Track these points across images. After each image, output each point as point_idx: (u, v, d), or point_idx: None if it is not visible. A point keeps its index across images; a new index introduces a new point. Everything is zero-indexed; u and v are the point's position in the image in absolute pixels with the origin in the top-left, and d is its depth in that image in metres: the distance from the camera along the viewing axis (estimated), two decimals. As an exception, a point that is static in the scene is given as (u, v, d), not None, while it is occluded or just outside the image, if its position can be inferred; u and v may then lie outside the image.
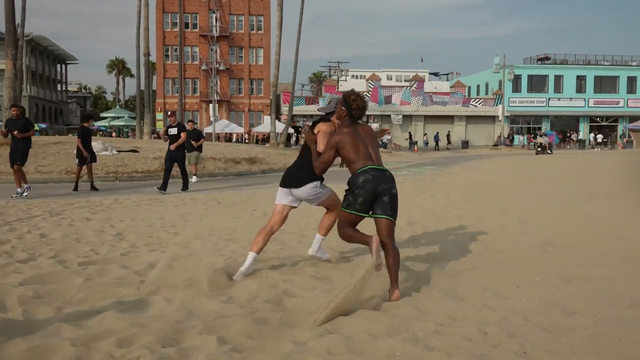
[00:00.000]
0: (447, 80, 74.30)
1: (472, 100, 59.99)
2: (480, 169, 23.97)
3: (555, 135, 50.73)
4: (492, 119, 59.96)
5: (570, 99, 61.45)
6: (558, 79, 61.74)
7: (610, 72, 62.69)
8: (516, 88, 60.99)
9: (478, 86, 67.80)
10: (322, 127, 5.16)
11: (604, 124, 62.13)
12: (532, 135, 53.73)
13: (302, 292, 4.83)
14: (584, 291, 4.92)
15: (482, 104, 59.50)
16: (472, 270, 5.63)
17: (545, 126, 60.60)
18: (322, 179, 5.34)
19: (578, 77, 61.77)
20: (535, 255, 6.33)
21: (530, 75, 61.11)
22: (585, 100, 61.63)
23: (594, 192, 13.31)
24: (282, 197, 5.39)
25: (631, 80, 62.94)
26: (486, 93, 64.52)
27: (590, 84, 61.91)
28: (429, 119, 58.83)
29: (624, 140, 56.06)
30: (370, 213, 4.74)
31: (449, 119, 59.13)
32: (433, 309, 4.41)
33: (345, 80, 69.36)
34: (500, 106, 56.90)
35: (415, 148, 47.66)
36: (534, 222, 8.79)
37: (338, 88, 63.00)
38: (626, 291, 4.85)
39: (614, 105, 62.28)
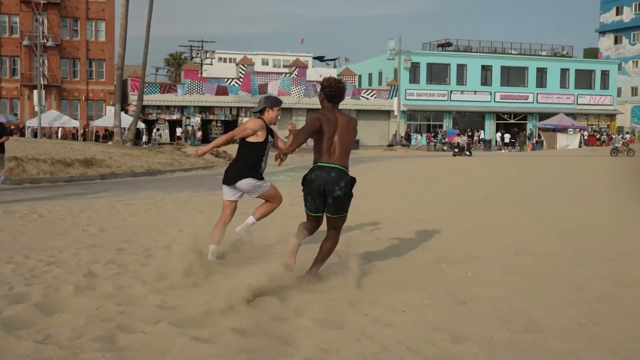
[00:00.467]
0: (334, 67, 76.16)
1: (363, 91, 61.85)
2: (373, 172, 24.73)
3: (457, 134, 53.52)
4: (387, 114, 62.18)
5: (475, 92, 65.21)
6: (461, 68, 65.32)
7: (518, 62, 67.32)
8: (414, 78, 63.72)
9: (370, 75, 70.07)
10: (248, 122, 7.11)
11: (511, 121, 66.51)
12: (432, 134, 56.32)
13: (143, 327, 4.72)
14: (477, 314, 5.19)
15: (374, 96, 61.51)
16: (353, 293, 5.77)
17: (447, 123, 63.81)
18: (260, 176, 7.09)
19: (483, 67, 65.74)
20: (426, 274, 6.61)
21: (430, 64, 64.13)
22: (491, 94, 65.69)
23: (502, 198, 14.19)
24: (228, 192, 7.20)
25: (541, 72, 67.98)
26: (379, 83, 66.83)
27: (496, 76, 66.11)
28: (312, 112, 59.79)
29: (534, 141, 60.33)
30: (322, 212, 6.01)
31: (337, 113, 60.50)
32: (302, 340, 4.47)
33: (211, 64, 68.91)
34: (395, 99, 59.13)
35: (297, 148, 48.31)
36: (428, 233, 9.19)
37: (202, 73, 62.51)
38: (523, 313, 5.18)
39: (522, 101, 66.92)
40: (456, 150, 44.14)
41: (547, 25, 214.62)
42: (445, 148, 52.84)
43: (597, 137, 62.19)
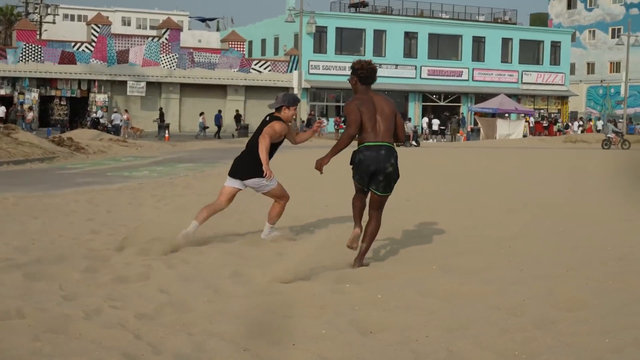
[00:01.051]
0: (217, 30, 75.81)
1: (255, 62, 61.82)
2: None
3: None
4: (285, 92, 62.33)
5: (396, 65, 66.37)
6: (379, 36, 66.35)
7: (450, 29, 68.98)
8: (319, 47, 64.22)
9: (263, 41, 70.12)
10: (274, 125, 9.07)
11: (441, 103, 68.12)
12: (342, 119, 56.90)
13: None
14: (385, 346, 5.30)
15: (269, 68, 61.61)
16: (226, 326, 5.78)
17: (362, 105, 64.72)
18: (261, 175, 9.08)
19: (407, 34, 67.04)
20: (325, 296, 6.69)
21: (340, 29, 64.81)
22: (416, 68, 67.05)
23: (428, 199, 14.50)
24: (231, 181, 9.21)
25: (478, 43, 69.95)
26: (275, 53, 66.97)
27: (423, 46, 67.53)
28: (188, 89, 59.38)
29: (468, 129, 61.97)
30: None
31: (220, 90, 60.26)
32: None
33: (54, 22, 67.17)
34: (295, 73, 59.38)
35: (167, 134, 47.80)
36: (335, 245, 9.29)
37: (41, 35, 60.75)
38: (442, 344, 5.32)
39: (455, 78, 68.64)
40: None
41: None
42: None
43: (545, 124, 64.52)
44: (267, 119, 9.30)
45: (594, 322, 5.91)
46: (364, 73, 8.06)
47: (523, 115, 61.69)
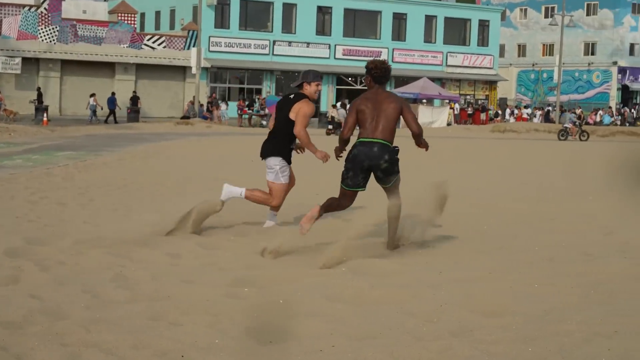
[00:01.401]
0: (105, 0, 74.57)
1: (148, 37, 61.15)
2: (159, 157, 24.60)
3: (334, 106, 54.27)
4: (181, 71, 61.88)
5: (308, 44, 66.49)
6: (289, 10, 66.31)
7: (368, 4, 69.36)
8: (222, 21, 63.88)
9: (158, 14, 69.43)
10: (303, 108, 9.92)
11: (358, 87, 68.55)
12: (247, 103, 56.79)
13: None
14: (286, 357, 5.33)
15: (164, 45, 61.01)
16: (105, 335, 5.72)
17: (268, 88, 64.62)
18: (287, 160, 10.16)
19: (320, 9, 67.20)
20: (219, 302, 6.71)
21: (245, 2, 64.58)
22: (330, 47, 67.31)
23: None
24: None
25: (399, 20, 70.57)
26: (172, 27, 66.35)
27: (337, 22, 67.82)
28: (71, 67, 58.40)
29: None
30: (363, 187, 9.06)
31: (107, 68, 59.44)
32: None
33: None
34: (194, 50, 58.91)
35: (45, 118, 46.93)
36: (219, 250, 9.29)
37: None
38: (350, 354, 5.36)
39: (373, 58, 69.04)
40: (330, 127, 45.15)
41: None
42: (264, 123, 53.39)
43: (470, 112, 65.44)
44: (292, 96, 10.10)
45: (517, 329, 6.04)
46: (377, 73, 9.11)
47: (447, 101, 62.46)
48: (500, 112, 69.43)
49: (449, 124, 58.52)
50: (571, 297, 7.15)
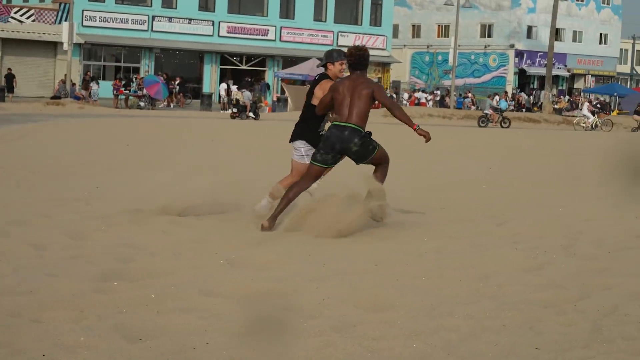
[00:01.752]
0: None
1: (16, 10, 59.88)
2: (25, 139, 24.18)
3: (162, 86, 53.83)
4: (52, 47, 60.77)
5: (190, 20, 65.98)
6: (169, -17, 65.66)
7: (254, -21, 69.17)
8: (96, -7, 62.98)
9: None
10: (324, 85, 10.31)
11: (243, 67, 68.38)
12: (123, 83, 56.09)
13: None
14: (153, 357, 5.31)
15: (32, 18, 59.85)
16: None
17: (147, 67, 63.94)
18: (313, 143, 10.39)
19: (202, -18, 66.70)
20: (86, 297, 6.61)
21: (121, -28, 63.71)
22: (213, 24, 66.90)
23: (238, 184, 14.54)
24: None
25: (288, -6, 70.50)
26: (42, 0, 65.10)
27: (222, -3, 67.43)
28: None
29: (274, 98, 62.56)
30: (329, 165, 10.19)
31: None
32: None
33: None
34: (66, 24, 57.92)
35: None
36: (87, 241, 9.21)
37: None
38: (225, 352, 5.39)
39: (259, 37, 68.97)
40: (235, 110, 45.08)
41: None
42: (141, 104, 52.89)
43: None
44: (317, 77, 10.62)
45: (402, 324, 6.15)
46: (351, 60, 10.15)
47: (338, 83, 62.71)
48: (394, 95, 70.12)
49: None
50: (459, 291, 7.30)
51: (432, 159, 22.61)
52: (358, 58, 10.10)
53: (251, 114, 47.04)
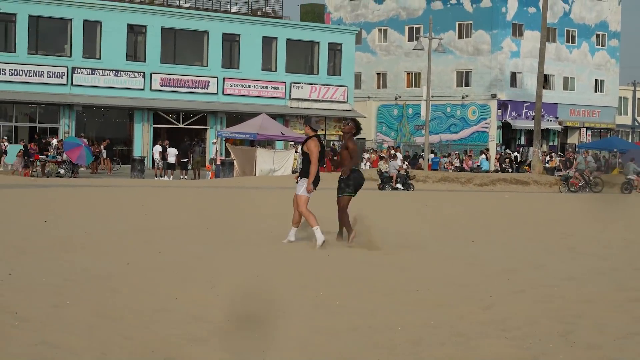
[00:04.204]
0: None
1: None
2: None
3: (85, 150, 53.59)
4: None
5: (116, 72, 65.90)
6: (92, 29, 65.77)
7: (192, 23, 69.53)
8: (5, 43, 63.19)
9: None
10: (313, 146, 18.17)
11: (181, 125, 68.37)
12: (44, 145, 55.73)
13: None
14: None
15: None
16: None
17: (67, 127, 63.65)
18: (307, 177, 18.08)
19: (131, 28, 67.17)
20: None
21: (36, 18, 63.78)
22: (144, 76, 66.86)
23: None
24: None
25: (230, 42, 70.96)
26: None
27: (154, 44, 67.62)
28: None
29: (217, 161, 62.44)
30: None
31: None
32: None
33: None
34: (-30, 80, 57.98)
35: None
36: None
37: None
38: None
39: (199, 90, 69.09)
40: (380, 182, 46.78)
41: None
42: (61, 172, 52.60)
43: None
44: (310, 137, 18.41)
45: None
46: (356, 132, 19.05)
47: (293, 143, 62.81)
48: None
49: (294, 172, 58.71)
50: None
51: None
52: (357, 129, 18.95)
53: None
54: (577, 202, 40.27)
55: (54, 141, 57.86)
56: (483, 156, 71.02)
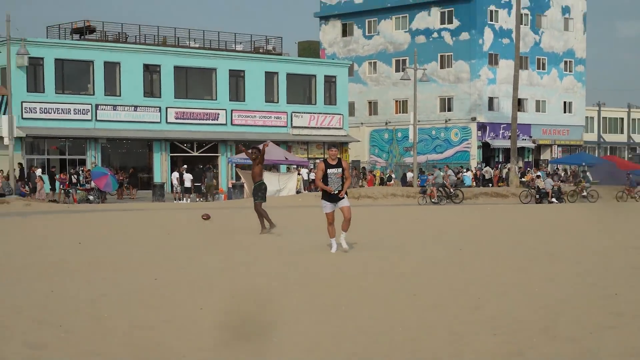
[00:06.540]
0: None
1: (-50, 104, 59.70)
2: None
3: (111, 178, 53.82)
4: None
5: (135, 107, 66.12)
6: (111, 69, 65.72)
7: (201, 61, 69.74)
8: (35, 84, 62.99)
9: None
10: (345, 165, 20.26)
11: (195, 154, 68.53)
12: (74, 175, 55.86)
13: None
14: None
15: (-31, 112, 59.72)
16: None
17: (93, 158, 63.91)
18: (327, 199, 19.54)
19: (147, 67, 66.99)
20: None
21: (61, 61, 63.82)
22: (160, 110, 67.09)
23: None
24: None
25: (236, 77, 71.08)
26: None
27: (168, 81, 67.72)
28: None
29: (229, 184, 62.62)
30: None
31: None
32: None
33: None
34: (5, 118, 57.96)
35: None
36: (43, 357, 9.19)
37: None
38: None
39: (210, 122, 69.26)
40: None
41: (243, 5, 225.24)
42: (90, 198, 52.82)
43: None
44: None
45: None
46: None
47: (295, 166, 63.06)
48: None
49: (298, 192, 58.99)
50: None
51: (392, 244, 22.75)
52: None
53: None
54: (552, 212, 40.33)
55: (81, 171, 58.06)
56: (466, 172, 71.18)
